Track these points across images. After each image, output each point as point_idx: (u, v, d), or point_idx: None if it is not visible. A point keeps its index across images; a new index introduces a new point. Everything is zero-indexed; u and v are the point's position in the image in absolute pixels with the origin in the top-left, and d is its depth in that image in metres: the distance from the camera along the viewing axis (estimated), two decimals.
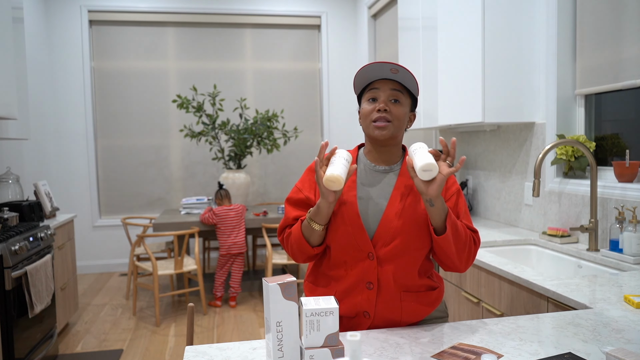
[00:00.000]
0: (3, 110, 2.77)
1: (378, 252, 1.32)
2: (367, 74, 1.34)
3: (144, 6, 5.24)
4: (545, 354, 1.11)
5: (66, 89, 5.18)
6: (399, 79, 1.33)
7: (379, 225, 1.33)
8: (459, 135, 3.41)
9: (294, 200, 1.43)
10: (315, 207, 1.30)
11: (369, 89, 1.36)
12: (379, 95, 1.34)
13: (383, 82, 1.34)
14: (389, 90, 1.33)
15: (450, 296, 2.36)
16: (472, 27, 2.59)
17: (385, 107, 1.32)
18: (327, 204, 1.27)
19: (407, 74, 1.30)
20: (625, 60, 2.11)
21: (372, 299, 1.33)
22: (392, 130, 1.33)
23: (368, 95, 1.36)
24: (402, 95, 1.34)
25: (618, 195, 2.07)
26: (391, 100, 1.34)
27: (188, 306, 1.40)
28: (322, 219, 1.30)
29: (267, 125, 4.60)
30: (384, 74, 1.33)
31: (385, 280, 1.33)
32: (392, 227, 1.32)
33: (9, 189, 3.42)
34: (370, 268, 1.32)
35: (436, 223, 1.27)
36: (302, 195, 1.42)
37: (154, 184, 5.45)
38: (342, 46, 5.66)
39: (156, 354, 3.23)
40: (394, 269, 1.33)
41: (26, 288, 2.63)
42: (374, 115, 1.33)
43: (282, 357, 1.06)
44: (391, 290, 1.33)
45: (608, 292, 1.54)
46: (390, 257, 1.32)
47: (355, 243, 1.32)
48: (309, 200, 1.41)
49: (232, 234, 4.06)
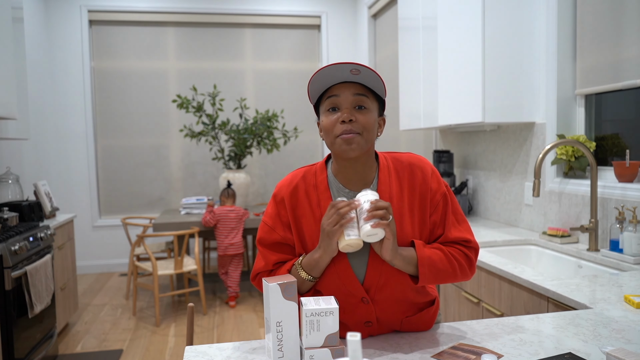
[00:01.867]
0: (3, 110, 2.77)
1: (372, 296, 1.21)
2: (323, 78, 1.14)
3: (144, 6, 5.24)
4: (545, 354, 1.11)
5: (66, 89, 5.18)
6: (361, 81, 1.15)
7: (368, 269, 1.19)
8: (459, 135, 3.41)
9: (269, 243, 1.25)
10: (313, 260, 1.16)
11: (327, 97, 1.17)
12: (340, 103, 1.15)
13: (343, 87, 1.15)
14: (352, 95, 1.15)
15: (450, 296, 2.36)
16: (472, 27, 2.59)
17: (349, 116, 1.13)
18: (330, 258, 1.15)
19: (370, 73, 1.12)
20: (625, 60, 2.11)
21: (373, 332, 1.26)
22: (362, 144, 1.15)
23: (327, 104, 1.17)
24: (367, 100, 1.16)
25: (618, 195, 2.07)
26: (355, 107, 1.15)
27: (188, 306, 1.40)
28: (320, 271, 1.17)
29: (267, 125, 4.60)
30: (344, 77, 1.14)
31: (384, 317, 1.24)
32: (381, 269, 1.19)
33: (8, 189, 3.42)
34: (367, 310, 1.22)
35: (410, 272, 1.18)
36: (277, 235, 1.24)
37: (154, 184, 5.45)
38: (342, 46, 5.66)
39: (156, 354, 3.22)
40: (392, 305, 1.23)
41: (26, 288, 2.63)
42: (338, 128, 1.14)
43: (282, 357, 1.06)
44: (391, 323, 1.26)
45: (608, 292, 1.54)
46: (385, 297, 1.22)
47: (347, 290, 1.20)
48: (286, 240, 1.24)
49: (230, 235, 4.05)
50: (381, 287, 1.20)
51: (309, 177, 1.26)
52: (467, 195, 3.19)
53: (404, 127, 3.60)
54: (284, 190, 1.25)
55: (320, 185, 1.23)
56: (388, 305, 1.23)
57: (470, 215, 3.23)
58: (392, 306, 1.23)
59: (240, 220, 4.08)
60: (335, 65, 1.11)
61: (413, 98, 3.41)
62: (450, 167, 3.31)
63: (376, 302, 1.22)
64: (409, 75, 3.46)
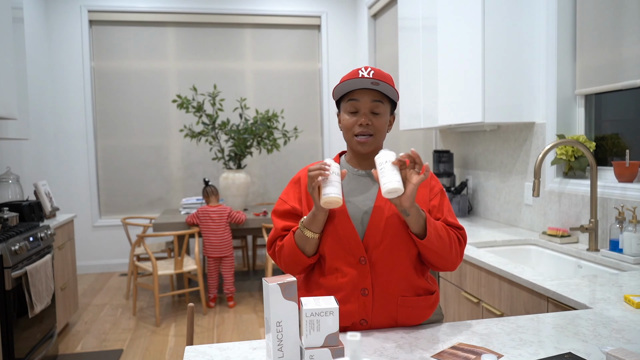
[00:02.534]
0: (3, 110, 2.77)
1: (370, 256, 1.32)
2: (347, 83, 1.33)
3: (144, 6, 5.24)
4: (545, 354, 1.11)
5: (66, 89, 5.18)
6: (379, 89, 1.33)
7: (368, 226, 1.33)
8: (459, 135, 3.41)
9: (280, 212, 1.43)
10: (311, 215, 1.30)
11: (349, 99, 1.36)
12: (359, 108, 1.34)
13: (363, 93, 1.34)
14: (370, 102, 1.33)
15: (450, 296, 2.36)
16: (472, 27, 2.59)
17: (367, 121, 1.33)
18: (324, 212, 1.29)
19: (387, 85, 1.31)
20: (625, 60, 2.12)
21: (368, 305, 1.31)
22: (375, 144, 1.36)
23: (348, 106, 1.36)
24: (382, 105, 1.35)
25: (618, 195, 2.07)
26: (372, 112, 1.34)
27: (188, 306, 1.40)
28: (318, 226, 1.31)
29: (267, 125, 4.60)
30: (365, 84, 1.32)
31: (380, 286, 1.32)
32: (380, 227, 1.32)
33: (9, 189, 3.42)
34: (364, 273, 1.32)
35: (415, 230, 1.28)
36: (288, 206, 1.41)
37: (154, 184, 5.45)
38: (342, 46, 5.66)
39: (156, 354, 3.23)
40: (387, 273, 1.32)
41: (26, 288, 2.63)
42: (356, 129, 1.34)
43: (282, 357, 1.06)
44: (387, 295, 1.32)
45: (608, 292, 1.54)
46: (382, 259, 1.32)
47: (348, 247, 1.32)
48: (295, 210, 1.40)
49: (213, 236, 4.00)
50: (378, 246, 1.32)
51: None
52: (467, 195, 3.19)
53: (404, 127, 3.60)
54: (302, 172, 1.45)
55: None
56: (385, 273, 1.32)
57: (470, 215, 3.23)
58: (389, 275, 1.32)
59: (224, 220, 4.01)
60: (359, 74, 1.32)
61: (413, 98, 3.41)
62: (450, 167, 3.31)
63: (373, 266, 1.32)
64: (409, 75, 3.46)
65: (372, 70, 1.33)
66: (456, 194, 3.15)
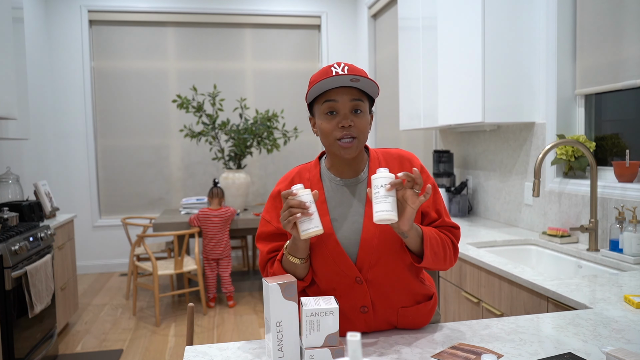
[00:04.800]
0: (3, 110, 2.77)
1: (366, 275, 1.25)
2: (325, 82, 1.19)
3: (144, 6, 5.24)
4: (545, 354, 1.11)
5: (66, 89, 5.18)
6: (359, 86, 1.21)
7: (360, 248, 1.24)
8: (459, 135, 3.41)
9: (265, 235, 1.33)
10: (292, 243, 1.20)
11: (325, 100, 1.21)
12: (338, 109, 1.21)
13: (341, 92, 1.20)
14: (349, 101, 1.20)
15: (450, 296, 2.36)
16: (472, 27, 2.59)
17: (349, 122, 1.19)
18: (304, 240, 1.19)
19: (367, 80, 1.18)
20: (625, 60, 2.11)
21: (369, 321, 1.28)
22: (359, 147, 1.23)
23: (325, 108, 1.22)
24: (362, 104, 1.22)
25: (618, 195, 2.07)
26: (352, 111, 1.22)
27: (188, 306, 1.40)
28: (303, 253, 1.21)
29: (267, 125, 4.60)
30: (343, 82, 1.19)
31: (379, 302, 1.27)
32: (373, 247, 1.23)
33: (9, 189, 3.42)
34: (362, 292, 1.26)
35: (412, 248, 1.22)
36: (272, 227, 1.31)
37: (154, 184, 5.45)
38: (342, 46, 5.66)
39: (156, 354, 3.23)
40: (387, 289, 1.27)
41: (26, 288, 2.63)
42: (337, 133, 1.21)
43: (282, 357, 1.06)
44: (387, 309, 1.28)
45: (608, 292, 1.54)
46: (379, 277, 1.25)
47: (340, 270, 1.25)
48: (279, 230, 1.31)
49: (213, 240, 4.02)
50: (374, 266, 1.25)
51: (303, 172, 1.35)
52: (467, 195, 3.19)
53: (404, 127, 3.60)
54: (280, 185, 1.35)
55: (313, 179, 1.31)
56: (383, 289, 1.27)
57: (470, 215, 3.23)
58: (388, 290, 1.27)
59: (225, 223, 4.02)
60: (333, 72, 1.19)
61: (413, 98, 3.41)
62: (450, 167, 3.31)
63: (370, 283, 1.26)
64: (409, 75, 3.46)
65: (345, 66, 1.20)
66: (456, 194, 3.15)
